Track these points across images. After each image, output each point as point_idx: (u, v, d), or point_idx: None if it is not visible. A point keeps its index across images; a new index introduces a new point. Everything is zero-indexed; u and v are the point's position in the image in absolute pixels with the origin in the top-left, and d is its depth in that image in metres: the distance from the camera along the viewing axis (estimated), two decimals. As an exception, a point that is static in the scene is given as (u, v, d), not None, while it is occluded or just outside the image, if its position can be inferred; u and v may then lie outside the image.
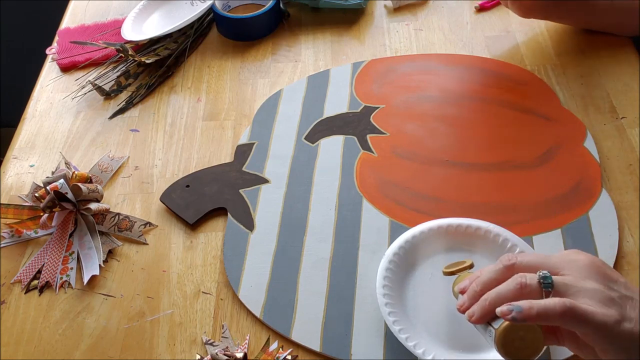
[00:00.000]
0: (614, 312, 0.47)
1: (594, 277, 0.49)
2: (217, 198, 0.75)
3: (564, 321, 0.47)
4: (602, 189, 0.72)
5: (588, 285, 0.48)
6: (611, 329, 0.46)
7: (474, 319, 0.51)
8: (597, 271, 0.50)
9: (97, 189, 0.74)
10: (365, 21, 0.98)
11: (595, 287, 0.48)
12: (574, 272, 0.50)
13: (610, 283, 0.49)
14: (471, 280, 0.54)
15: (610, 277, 0.50)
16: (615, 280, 0.50)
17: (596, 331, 0.46)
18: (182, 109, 0.87)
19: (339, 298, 0.66)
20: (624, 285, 0.50)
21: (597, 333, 0.47)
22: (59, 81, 0.93)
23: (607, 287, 0.49)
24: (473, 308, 0.51)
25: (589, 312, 0.46)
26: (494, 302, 0.50)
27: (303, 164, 0.78)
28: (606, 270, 0.50)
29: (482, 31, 0.94)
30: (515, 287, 0.49)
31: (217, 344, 0.63)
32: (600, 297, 0.48)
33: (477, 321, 0.51)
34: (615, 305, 0.48)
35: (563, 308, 0.46)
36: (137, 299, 0.67)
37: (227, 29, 0.97)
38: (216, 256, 0.71)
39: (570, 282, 0.49)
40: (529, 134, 0.78)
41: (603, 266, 0.51)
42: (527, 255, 0.52)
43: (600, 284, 0.49)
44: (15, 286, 0.70)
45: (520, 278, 0.49)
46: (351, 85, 0.87)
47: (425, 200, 0.73)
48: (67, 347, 0.64)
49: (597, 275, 0.49)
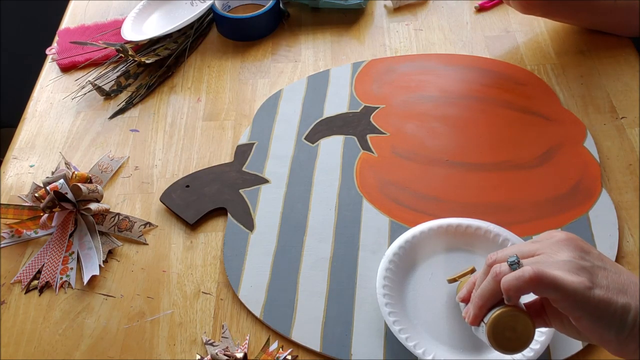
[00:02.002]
0: (584, 279, 0.48)
1: (567, 249, 0.50)
2: (217, 198, 0.75)
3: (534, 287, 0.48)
4: (602, 189, 0.72)
5: (560, 257, 0.50)
6: (581, 294, 0.47)
7: (470, 320, 0.53)
8: (570, 244, 0.51)
9: (97, 189, 0.74)
10: (365, 21, 0.98)
11: (566, 258, 0.49)
12: (547, 249, 0.51)
13: (583, 254, 0.50)
14: (467, 287, 0.56)
15: (583, 248, 0.51)
16: (588, 251, 0.51)
17: (566, 296, 0.47)
18: (182, 109, 0.87)
19: (339, 298, 0.66)
20: (597, 256, 0.51)
21: (567, 299, 0.47)
22: (59, 81, 0.93)
23: (580, 257, 0.50)
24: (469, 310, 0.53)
25: (558, 277, 0.47)
26: (480, 298, 0.52)
27: (303, 164, 0.78)
28: (580, 243, 0.51)
29: (482, 31, 0.94)
30: (492, 278, 0.51)
31: (217, 344, 0.63)
32: (570, 266, 0.49)
33: (473, 322, 0.53)
34: (585, 273, 0.49)
35: (531, 273, 0.48)
36: (137, 299, 0.67)
37: (227, 29, 0.97)
38: (216, 256, 0.71)
39: (541, 259, 0.50)
40: (529, 134, 0.78)
41: (577, 240, 0.51)
42: (507, 249, 0.54)
43: (573, 255, 0.50)
44: (15, 286, 0.70)
45: (494, 269, 0.51)
46: (351, 85, 0.87)
47: (425, 200, 0.73)
48: (67, 347, 0.64)
49: (570, 247, 0.50)
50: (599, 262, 0.50)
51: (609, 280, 0.49)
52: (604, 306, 0.47)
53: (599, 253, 0.51)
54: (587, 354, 0.61)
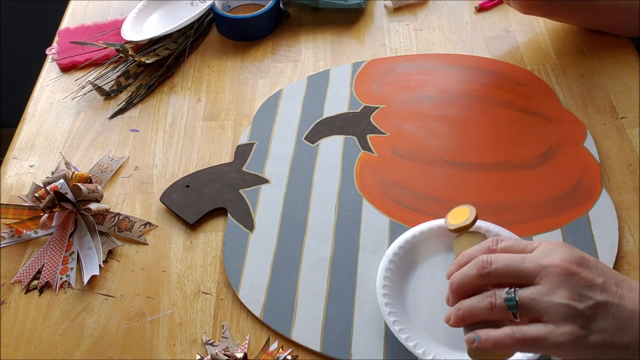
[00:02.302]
0: (577, 328, 0.46)
1: (566, 286, 0.48)
2: (217, 198, 0.75)
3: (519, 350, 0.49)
4: (602, 189, 0.72)
5: (555, 300, 0.47)
6: (570, 346, 0.46)
7: (450, 324, 0.53)
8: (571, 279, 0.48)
9: (97, 189, 0.74)
10: (365, 21, 0.98)
11: (562, 302, 0.47)
12: (546, 280, 0.49)
13: (584, 290, 0.48)
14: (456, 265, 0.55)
15: (585, 283, 0.48)
16: (590, 285, 0.48)
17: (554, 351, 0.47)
18: (182, 109, 0.87)
19: (339, 298, 0.66)
20: (600, 288, 0.48)
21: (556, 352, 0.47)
22: (59, 81, 0.93)
23: (578, 296, 0.47)
24: (449, 312, 0.53)
25: (541, 337, 0.47)
26: (467, 314, 0.52)
27: (303, 164, 0.78)
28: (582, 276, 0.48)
29: (482, 31, 0.94)
30: (486, 307, 0.50)
31: (217, 344, 0.63)
32: (564, 312, 0.47)
33: (453, 326, 0.53)
34: (581, 320, 0.47)
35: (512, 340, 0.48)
36: (137, 299, 0.67)
37: (227, 29, 0.97)
38: (216, 256, 0.71)
39: (537, 297, 0.48)
40: (529, 134, 0.78)
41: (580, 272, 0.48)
42: (502, 259, 0.51)
43: (571, 294, 0.47)
44: (15, 286, 0.70)
45: (490, 298, 0.50)
46: (351, 85, 0.87)
47: (425, 200, 0.73)
48: (67, 347, 0.64)
49: (570, 283, 0.48)
50: (601, 296, 0.47)
51: (609, 320, 0.47)
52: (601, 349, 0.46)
53: (602, 284, 0.48)
54: (587, 354, 0.61)
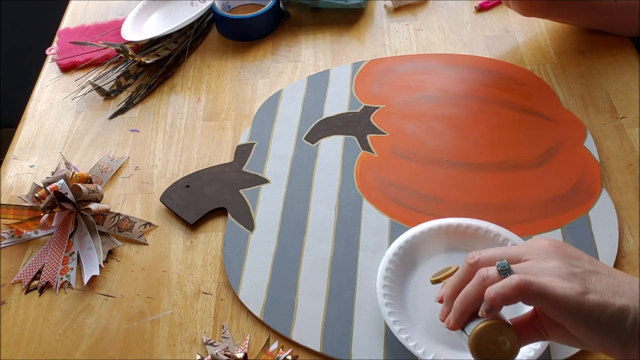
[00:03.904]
0: (576, 285, 0.47)
1: (556, 256, 0.49)
2: (217, 198, 0.75)
3: (522, 296, 0.47)
4: (602, 189, 0.72)
5: (549, 264, 0.48)
6: (574, 300, 0.46)
7: (450, 325, 0.51)
8: (558, 251, 0.50)
9: (97, 189, 0.74)
10: (365, 21, 0.98)
11: (556, 265, 0.48)
12: (534, 255, 0.50)
13: (572, 260, 0.49)
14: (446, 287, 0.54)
15: (572, 255, 0.50)
16: (578, 257, 0.50)
17: (558, 304, 0.46)
18: (182, 109, 0.87)
19: (339, 298, 0.66)
20: (588, 261, 0.50)
21: (559, 307, 0.46)
22: (59, 81, 0.93)
23: (570, 263, 0.49)
24: (449, 316, 0.52)
25: (547, 285, 0.46)
26: (463, 303, 0.50)
27: (303, 164, 0.78)
28: (568, 250, 0.50)
29: (482, 31, 0.94)
30: (478, 282, 0.49)
31: (218, 344, 0.63)
32: (561, 272, 0.48)
33: (453, 327, 0.51)
34: (577, 279, 0.47)
35: (518, 281, 0.46)
36: (137, 299, 0.68)
37: (227, 29, 0.97)
38: (216, 256, 0.71)
39: (530, 265, 0.49)
40: (529, 134, 0.78)
41: (565, 246, 0.51)
42: (491, 250, 0.52)
43: (562, 262, 0.49)
44: (16, 286, 0.70)
45: (481, 272, 0.50)
46: (351, 85, 0.87)
47: (425, 200, 0.73)
48: (67, 347, 0.64)
49: (559, 254, 0.49)
50: (590, 266, 0.49)
51: (603, 283, 0.48)
52: (599, 310, 0.46)
53: (589, 258, 0.50)
54: (588, 354, 0.61)
